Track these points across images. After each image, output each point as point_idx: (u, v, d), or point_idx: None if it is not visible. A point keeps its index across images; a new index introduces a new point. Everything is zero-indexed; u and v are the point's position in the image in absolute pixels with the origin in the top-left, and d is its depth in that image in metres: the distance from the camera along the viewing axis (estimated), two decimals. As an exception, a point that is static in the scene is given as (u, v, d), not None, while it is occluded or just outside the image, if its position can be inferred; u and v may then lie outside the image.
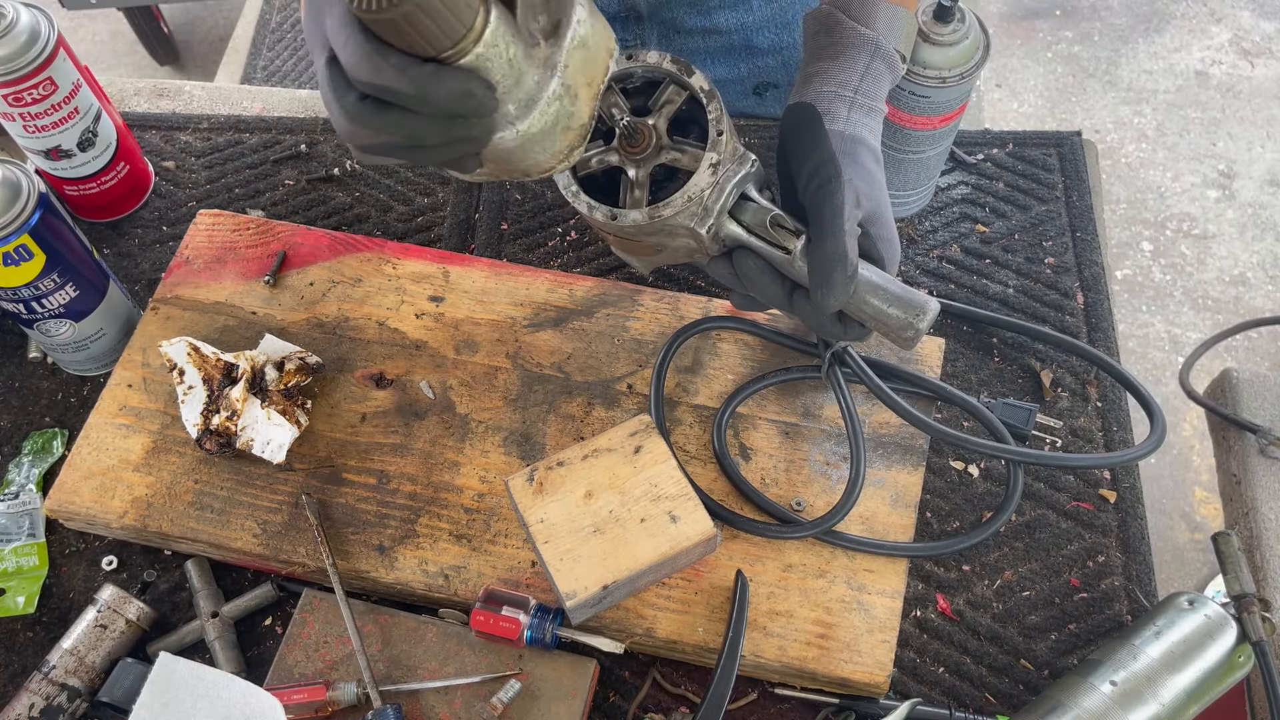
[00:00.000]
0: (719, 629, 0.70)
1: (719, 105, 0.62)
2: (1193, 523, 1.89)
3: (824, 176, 0.62)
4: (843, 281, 0.61)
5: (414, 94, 0.47)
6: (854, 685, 0.69)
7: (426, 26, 0.49)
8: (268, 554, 0.74)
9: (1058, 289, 0.89)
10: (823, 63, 0.69)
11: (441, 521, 0.75)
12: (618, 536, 0.68)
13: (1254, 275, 2.17)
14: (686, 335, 0.80)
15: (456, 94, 0.48)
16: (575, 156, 0.55)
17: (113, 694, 0.70)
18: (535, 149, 0.53)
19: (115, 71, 2.63)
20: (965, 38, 0.80)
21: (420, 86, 0.47)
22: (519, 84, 0.51)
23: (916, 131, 0.84)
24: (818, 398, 0.79)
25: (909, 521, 0.74)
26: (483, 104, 0.49)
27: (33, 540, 0.79)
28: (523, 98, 0.52)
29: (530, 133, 0.52)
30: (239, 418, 0.76)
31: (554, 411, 0.79)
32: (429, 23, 0.49)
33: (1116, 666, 0.67)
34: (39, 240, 0.75)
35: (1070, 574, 0.77)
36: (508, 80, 0.50)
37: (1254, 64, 2.49)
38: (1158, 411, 0.77)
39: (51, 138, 0.87)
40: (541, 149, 0.54)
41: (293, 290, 0.86)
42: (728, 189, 0.62)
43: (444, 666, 0.70)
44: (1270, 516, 0.93)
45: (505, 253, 0.93)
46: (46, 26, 0.83)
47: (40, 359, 0.89)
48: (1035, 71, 2.52)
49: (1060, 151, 0.97)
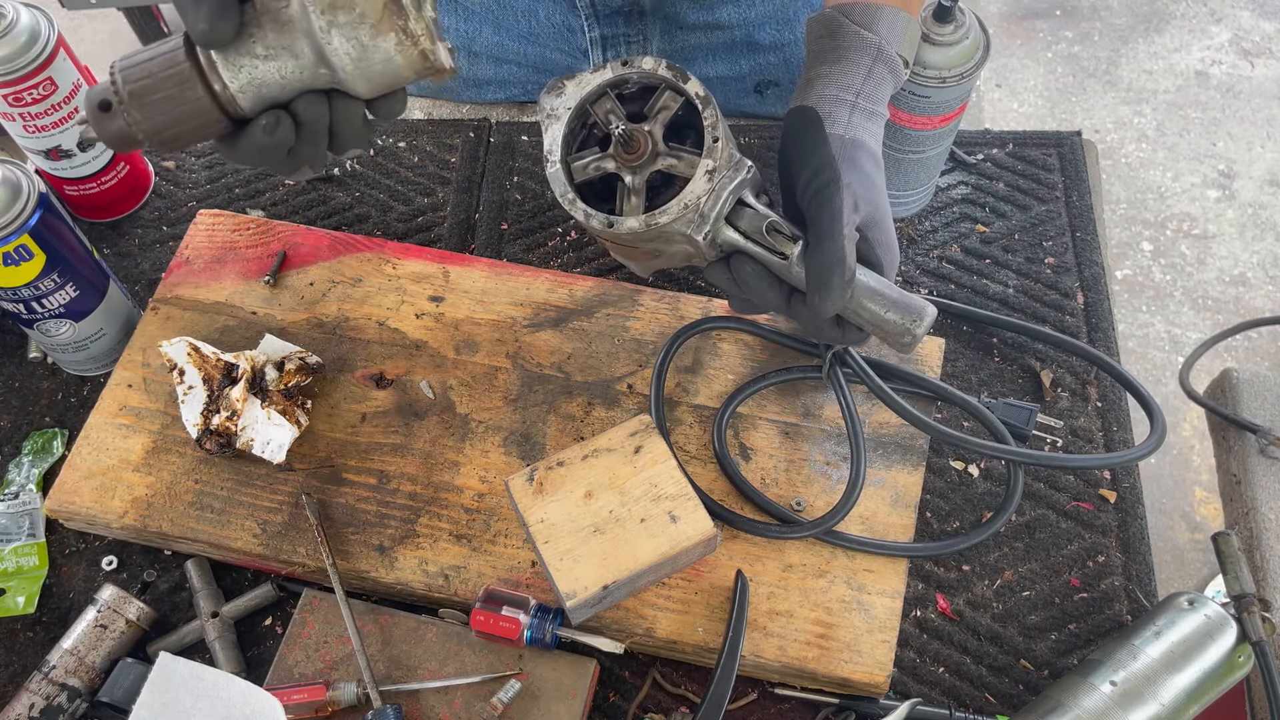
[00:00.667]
0: (719, 629, 0.70)
1: (715, 111, 0.62)
2: (1193, 523, 1.89)
3: (822, 181, 0.62)
4: (840, 286, 0.61)
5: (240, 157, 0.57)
6: (854, 685, 0.69)
7: (188, 136, 0.56)
8: (268, 554, 0.74)
9: (1058, 289, 0.89)
10: (825, 66, 0.69)
11: (441, 521, 0.75)
12: (618, 536, 0.68)
13: (1254, 275, 2.17)
14: (687, 335, 0.80)
15: (259, 146, 0.56)
16: (418, 27, 0.53)
17: (113, 694, 0.70)
18: (374, 64, 0.54)
19: (115, 71, 2.63)
20: (965, 38, 0.80)
21: (238, 156, 0.57)
22: (299, 60, 0.54)
23: (916, 131, 0.84)
24: (818, 398, 0.79)
25: (909, 521, 0.74)
26: (282, 131, 0.55)
27: (33, 540, 0.79)
28: (313, 59, 0.54)
29: (352, 61, 0.53)
30: (239, 418, 0.76)
31: (554, 411, 0.79)
32: (187, 135, 0.56)
33: (1116, 666, 0.67)
34: (39, 240, 0.75)
35: (1070, 574, 0.77)
36: (289, 77, 0.54)
37: (1254, 64, 2.49)
38: (1158, 411, 0.77)
39: (51, 138, 0.87)
40: (374, 57, 0.53)
41: (293, 290, 0.86)
42: (724, 195, 0.62)
43: (444, 666, 0.70)
44: (1270, 516, 0.93)
45: (505, 253, 0.93)
46: (46, 26, 0.83)
47: (40, 359, 0.89)
48: (1035, 71, 2.52)
49: (1060, 151, 0.97)
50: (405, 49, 0.53)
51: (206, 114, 0.55)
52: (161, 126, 0.55)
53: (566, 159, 0.65)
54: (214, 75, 0.54)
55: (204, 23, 0.52)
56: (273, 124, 0.55)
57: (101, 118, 0.56)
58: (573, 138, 0.66)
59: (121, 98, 0.55)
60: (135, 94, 0.54)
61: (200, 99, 0.54)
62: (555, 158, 0.64)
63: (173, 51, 0.55)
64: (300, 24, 0.53)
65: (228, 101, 0.54)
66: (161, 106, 0.55)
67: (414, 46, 0.53)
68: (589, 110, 0.65)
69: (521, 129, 1.00)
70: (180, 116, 0.55)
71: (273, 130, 0.55)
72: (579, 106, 0.64)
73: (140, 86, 0.54)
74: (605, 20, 0.97)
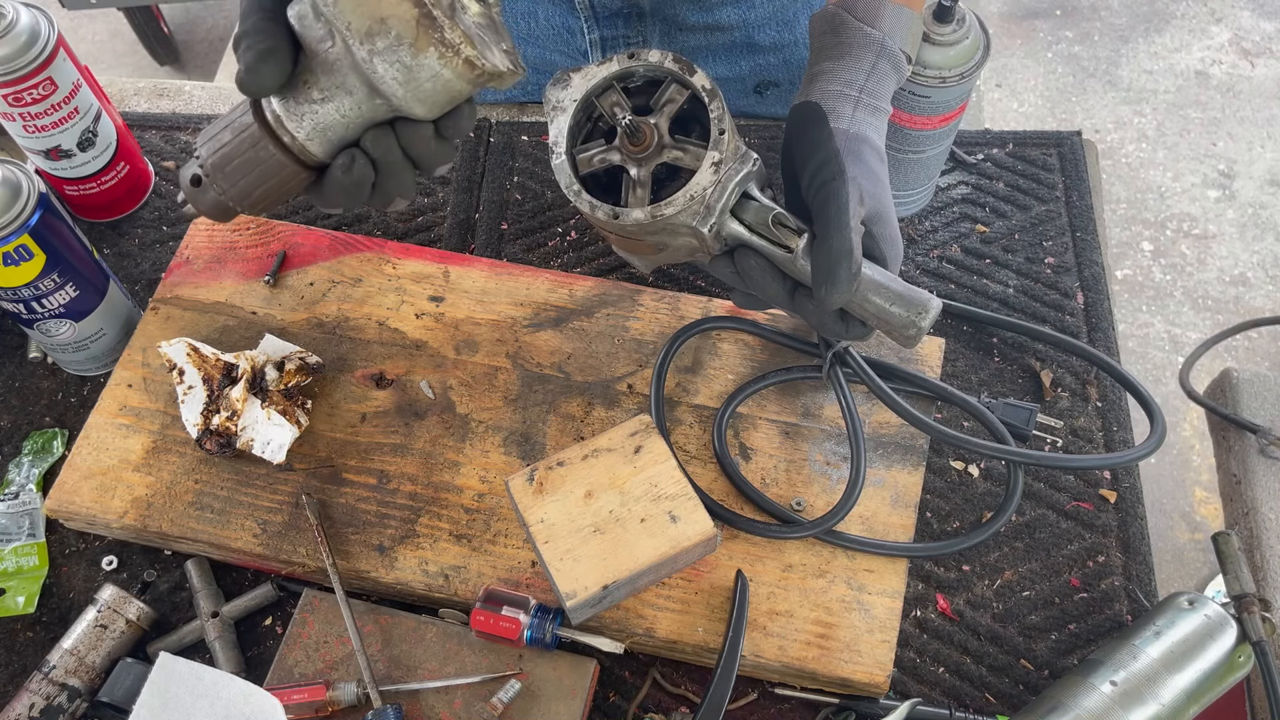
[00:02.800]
0: (719, 629, 0.70)
1: (721, 104, 0.62)
2: (1193, 523, 1.89)
3: (828, 174, 0.62)
4: (847, 277, 0.61)
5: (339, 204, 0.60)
6: (854, 685, 0.69)
7: (277, 193, 0.58)
8: (268, 554, 0.74)
9: (1058, 289, 0.89)
10: (828, 62, 0.69)
11: (441, 521, 0.75)
12: (618, 536, 0.68)
13: (1254, 275, 2.17)
14: (687, 335, 0.80)
15: (341, 187, 0.57)
16: (454, 35, 0.53)
17: (113, 694, 0.70)
18: (423, 83, 0.54)
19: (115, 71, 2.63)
20: (965, 37, 0.80)
21: (328, 202, 0.59)
22: (353, 96, 0.55)
23: (917, 131, 0.84)
24: (818, 398, 0.79)
25: (909, 521, 0.74)
26: (359, 169, 0.56)
27: (33, 540, 0.79)
28: (366, 91, 0.55)
29: (400, 85, 0.53)
30: (239, 418, 0.76)
31: (554, 411, 0.79)
32: (275, 192, 0.59)
33: (1116, 666, 0.67)
34: (39, 240, 0.75)
35: (1070, 574, 0.77)
36: (349, 114, 0.55)
37: (1254, 64, 2.49)
38: (1158, 411, 0.77)
39: (51, 138, 0.87)
40: (421, 76, 0.53)
41: (293, 290, 0.86)
42: (730, 188, 0.62)
43: (444, 666, 0.70)
44: (1270, 516, 0.93)
45: (505, 253, 0.93)
46: (46, 26, 0.83)
47: (40, 359, 0.89)
48: (1035, 71, 2.52)
49: (1060, 151, 0.97)
50: (449, 61, 0.53)
51: (284, 168, 0.56)
52: (248, 189, 0.57)
53: (572, 151, 0.65)
54: (281, 129, 0.55)
55: (247, 72, 0.53)
56: (347, 163, 0.56)
57: (195, 193, 0.59)
58: (578, 130, 0.66)
59: (207, 170, 0.57)
60: (217, 165, 0.57)
61: (274, 155, 0.56)
62: (561, 149, 0.64)
63: (241, 116, 0.57)
64: (345, 60, 0.53)
65: (300, 151, 0.56)
66: (242, 170, 0.57)
67: (456, 56, 0.53)
68: (595, 103, 0.65)
69: (521, 129, 1.00)
70: (261, 176, 0.57)
71: (349, 169, 0.56)
72: (585, 99, 0.64)
73: (220, 157, 0.57)
74: (605, 22, 0.97)
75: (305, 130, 0.55)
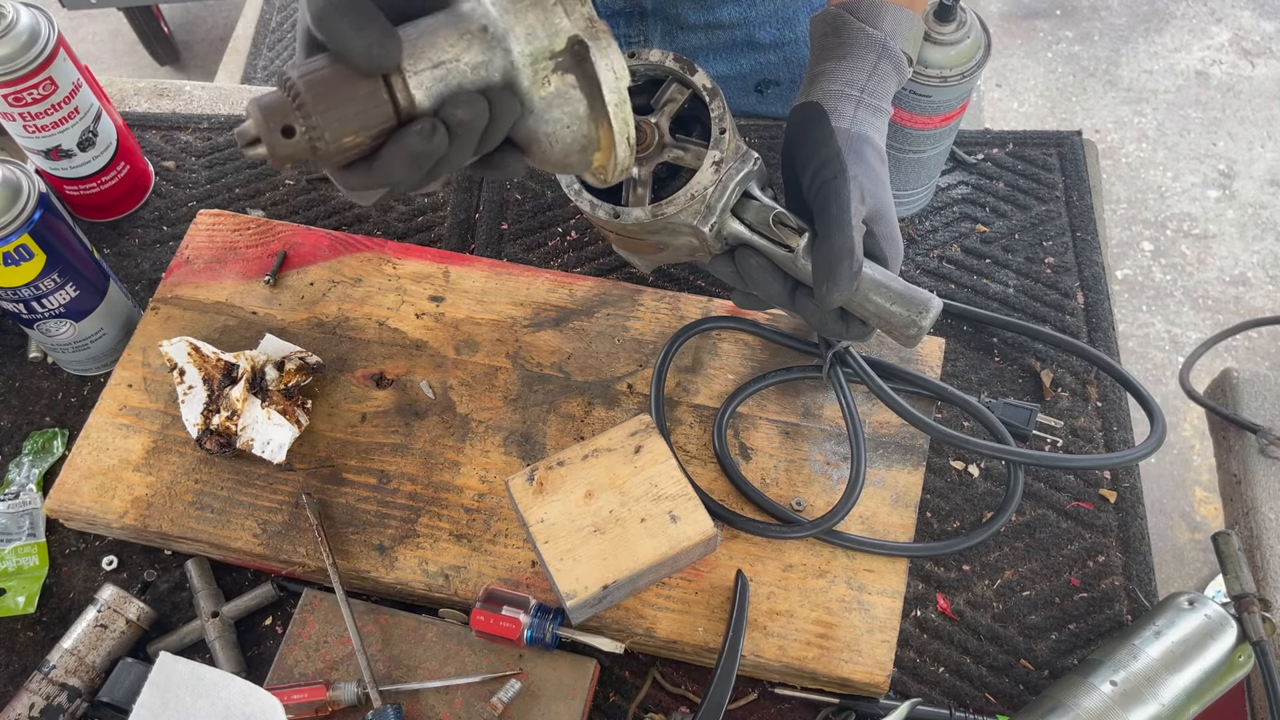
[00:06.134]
0: (719, 629, 0.70)
1: (722, 103, 0.62)
2: (1193, 523, 1.89)
3: (829, 173, 0.62)
4: (848, 276, 0.61)
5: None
6: (854, 685, 0.69)
7: (362, 141, 0.50)
8: (268, 554, 0.74)
9: (1058, 289, 0.89)
10: (830, 62, 0.69)
11: (441, 521, 0.75)
12: (618, 536, 0.68)
13: (1254, 275, 2.17)
14: (687, 335, 0.80)
15: (412, 153, 0.50)
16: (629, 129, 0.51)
17: (113, 694, 0.70)
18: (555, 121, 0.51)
19: (115, 71, 2.63)
20: (966, 37, 0.80)
21: (377, 171, 0.51)
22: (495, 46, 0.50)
23: (917, 131, 0.84)
24: (818, 398, 0.79)
25: (909, 521, 0.74)
26: (439, 137, 0.49)
27: (33, 540, 0.79)
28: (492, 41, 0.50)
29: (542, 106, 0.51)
30: (239, 418, 0.76)
31: (554, 411, 0.79)
32: (361, 141, 0.50)
33: (1116, 666, 0.67)
34: (39, 240, 0.75)
35: (1070, 574, 0.77)
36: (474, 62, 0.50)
37: (1254, 64, 2.49)
38: (1158, 411, 0.77)
39: (51, 138, 0.87)
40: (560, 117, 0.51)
41: (293, 290, 0.86)
42: (730, 187, 0.62)
43: (444, 666, 0.70)
44: (1270, 516, 0.93)
45: (505, 253, 0.93)
46: (46, 26, 0.83)
47: (40, 359, 0.89)
48: (1035, 71, 2.52)
49: (1060, 151, 0.97)
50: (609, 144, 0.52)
51: (382, 108, 0.50)
52: (343, 131, 0.49)
53: None
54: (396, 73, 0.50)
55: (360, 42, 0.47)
56: (429, 130, 0.50)
57: (274, 129, 0.50)
58: None
59: (302, 99, 0.49)
60: (317, 94, 0.49)
61: (378, 92, 0.49)
62: None
63: None
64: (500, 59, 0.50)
65: (404, 97, 0.50)
66: (342, 108, 0.49)
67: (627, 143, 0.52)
68: None
69: (521, 129, 1.00)
70: (364, 115, 0.50)
71: (429, 136, 0.50)
72: None
73: (320, 84, 0.49)
74: (606, 21, 0.97)
75: (419, 70, 0.50)
